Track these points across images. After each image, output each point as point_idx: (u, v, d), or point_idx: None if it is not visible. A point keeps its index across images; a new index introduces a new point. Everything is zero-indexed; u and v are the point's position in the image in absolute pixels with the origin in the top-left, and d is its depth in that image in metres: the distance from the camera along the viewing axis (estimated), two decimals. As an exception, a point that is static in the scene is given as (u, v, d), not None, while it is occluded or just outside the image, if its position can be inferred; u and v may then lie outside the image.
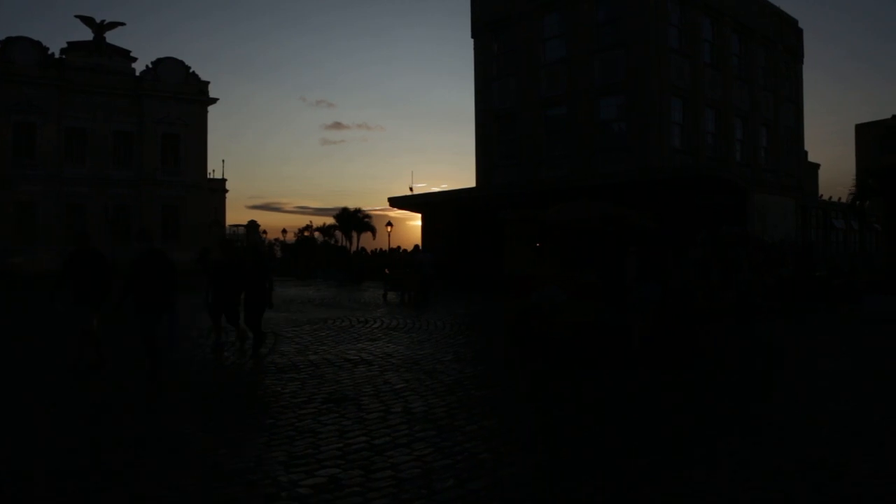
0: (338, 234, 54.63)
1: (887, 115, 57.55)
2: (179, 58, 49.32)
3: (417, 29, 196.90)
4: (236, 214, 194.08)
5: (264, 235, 55.34)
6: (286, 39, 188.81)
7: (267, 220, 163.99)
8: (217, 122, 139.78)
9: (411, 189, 40.77)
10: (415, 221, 33.71)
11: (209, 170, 51.23)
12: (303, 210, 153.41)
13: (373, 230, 53.67)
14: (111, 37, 47.76)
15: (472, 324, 14.49)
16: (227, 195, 56.36)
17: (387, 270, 23.75)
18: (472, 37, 32.55)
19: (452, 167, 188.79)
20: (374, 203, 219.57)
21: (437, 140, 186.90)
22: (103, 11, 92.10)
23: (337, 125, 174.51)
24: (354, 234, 54.17)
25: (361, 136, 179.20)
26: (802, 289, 18.36)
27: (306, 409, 6.74)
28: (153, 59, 48.51)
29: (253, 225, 55.86)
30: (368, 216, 54.57)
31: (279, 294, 24.45)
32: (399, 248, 33.88)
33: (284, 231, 53.22)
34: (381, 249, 39.86)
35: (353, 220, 53.61)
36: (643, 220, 14.45)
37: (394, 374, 8.52)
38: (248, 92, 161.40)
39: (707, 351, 11.08)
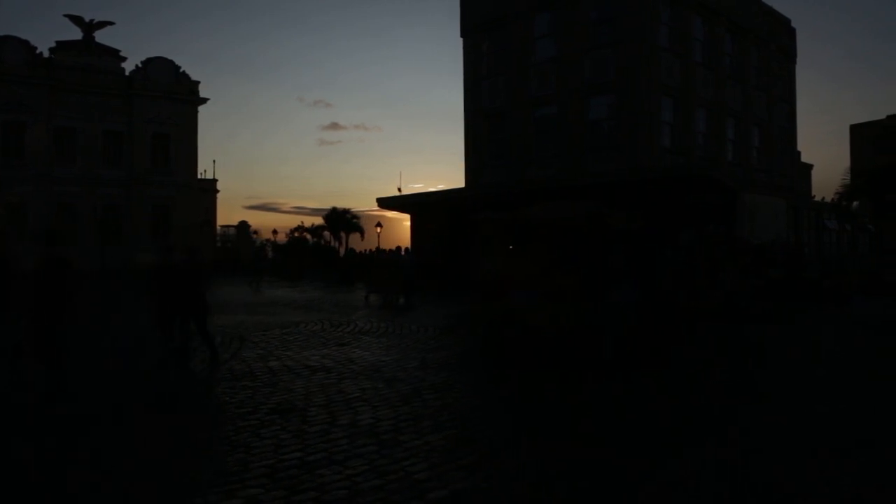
0: (326, 234, 54.24)
1: (882, 116, 57.46)
2: (177, 58, 49.41)
3: (417, 29, 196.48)
4: (234, 214, 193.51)
5: (255, 236, 54.99)
6: (285, 39, 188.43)
7: (264, 221, 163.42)
8: (214, 121, 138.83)
9: (399, 190, 40.43)
10: (408, 222, 33.31)
11: (201, 170, 50.92)
12: (300, 210, 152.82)
13: (361, 231, 53.30)
14: (101, 36, 47.46)
15: (449, 327, 14.11)
16: (224, 195, 56.23)
17: (369, 272, 23.39)
18: (462, 36, 32.26)
19: (450, 167, 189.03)
20: (371, 204, 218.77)
21: (434, 140, 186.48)
22: (102, 11, 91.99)
23: (334, 125, 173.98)
24: (343, 235, 53.77)
25: (359, 137, 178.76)
26: (792, 290, 18.12)
27: (249, 420, 6.40)
28: (144, 58, 48.22)
29: (244, 226, 55.46)
30: (357, 216, 54.19)
31: (265, 296, 24.12)
32: (378, 248, 33.47)
33: (275, 231, 52.80)
34: (369, 250, 39.52)
35: (342, 221, 53.22)
36: (630, 219, 14.12)
37: (351, 382, 8.16)
38: (246, 92, 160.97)
39: (690, 352, 10.75)
